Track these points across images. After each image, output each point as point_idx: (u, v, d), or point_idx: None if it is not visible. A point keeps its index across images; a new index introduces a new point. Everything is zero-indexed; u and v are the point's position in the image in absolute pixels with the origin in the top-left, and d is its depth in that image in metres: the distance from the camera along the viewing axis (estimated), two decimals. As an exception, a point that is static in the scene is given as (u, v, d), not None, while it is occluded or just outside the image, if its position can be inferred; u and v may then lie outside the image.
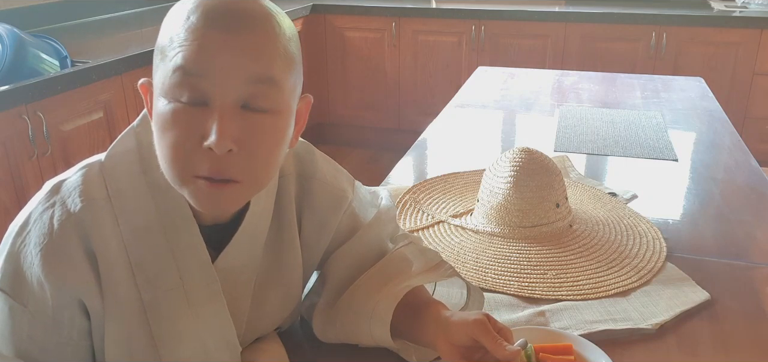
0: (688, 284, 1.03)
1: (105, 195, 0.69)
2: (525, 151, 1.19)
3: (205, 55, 0.62)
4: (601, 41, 3.51)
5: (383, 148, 3.94)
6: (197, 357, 0.73)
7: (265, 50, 0.64)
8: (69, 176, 0.71)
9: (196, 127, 0.63)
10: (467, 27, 3.67)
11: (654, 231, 1.19)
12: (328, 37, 3.95)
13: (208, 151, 0.62)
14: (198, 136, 0.63)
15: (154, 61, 0.67)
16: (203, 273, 0.72)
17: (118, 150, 0.73)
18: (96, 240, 0.68)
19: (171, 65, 0.62)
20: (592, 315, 0.95)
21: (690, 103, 2.10)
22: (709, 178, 1.49)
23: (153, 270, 0.70)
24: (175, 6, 0.66)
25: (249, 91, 0.63)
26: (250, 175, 0.66)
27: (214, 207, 0.67)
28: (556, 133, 1.79)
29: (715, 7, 3.57)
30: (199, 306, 0.72)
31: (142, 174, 0.71)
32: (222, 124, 0.62)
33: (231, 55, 0.62)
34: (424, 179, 1.45)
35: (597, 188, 1.40)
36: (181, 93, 0.62)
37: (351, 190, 0.88)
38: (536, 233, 1.15)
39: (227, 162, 0.63)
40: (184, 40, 0.62)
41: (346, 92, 4.06)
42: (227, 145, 0.62)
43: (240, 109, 0.64)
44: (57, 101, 2.07)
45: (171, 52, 0.63)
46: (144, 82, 0.70)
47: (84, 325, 0.71)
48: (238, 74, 0.62)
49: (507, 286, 1.03)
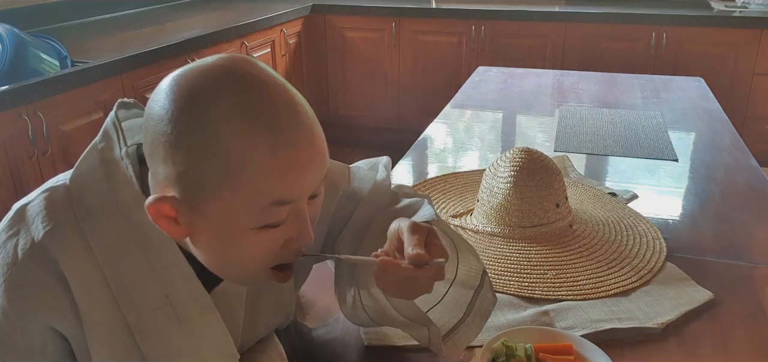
0: (689, 284, 1.03)
1: (73, 219, 0.66)
2: (525, 151, 1.19)
3: (299, 178, 0.63)
4: (601, 41, 3.51)
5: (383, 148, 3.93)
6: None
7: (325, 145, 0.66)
8: (31, 200, 0.69)
9: (281, 237, 0.65)
10: (467, 27, 3.67)
11: (654, 231, 1.19)
12: (328, 37, 3.95)
13: (291, 244, 0.66)
14: (282, 242, 0.65)
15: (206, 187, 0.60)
16: (189, 289, 0.70)
17: (83, 170, 0.69)
18: (65, 265, 0.65)
19: (266, 200, 0.61)
20: (596, 315, 0.95)
21: (690, 103, 2.10)
22: (709, 178, 1.49)
23: (135, 292, 0.67)
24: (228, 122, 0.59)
25: (316, 189, 0.67)
26: None
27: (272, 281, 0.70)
28: (556, 133, 1.79)
29: (715, 7, 3.57)
30: (189, 321, 0.70)
31: (111, 193, 0.68)
32: (307, 226, 0.65)
33: (315, 165, 0.64)
34: (424, 179, 1.45)
35: (597, 188, 1.40)
36: (278, 219, 0.63)
37: (345, 181, 0.88)
38: (536, 233, 1.15)
39: None
40: (278, 172, 0.61)
41: (346, 92, 4.06)
42: (312, 238, 0.66)
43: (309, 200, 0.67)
44: (57, 101, 2.07)
45: (254, 181, 0.60)
46: (155, 203, 0.62)
47: (60, 346, 0.68)
48: (314, 181, 0.65)
49: (507, 286, 1.03)
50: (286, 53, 3.65)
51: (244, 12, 3.49)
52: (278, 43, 3.54)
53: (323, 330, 0.94)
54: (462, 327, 0.84)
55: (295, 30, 3.74)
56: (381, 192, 0.89)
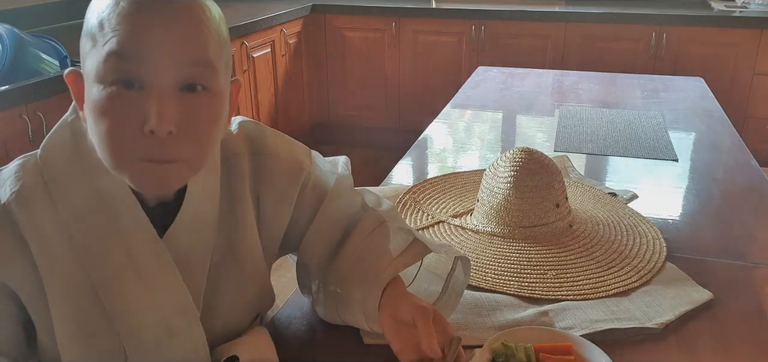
0: (689, 284, 1.03)
1: (41, 182, 0.72)
2: (525, 151, 1.19)
3: (141, 39, 0.63)
4: (601, 41, 3.51)
5: (383, 148, 3.94)
6: (156, 325, 0.74)
7: (200, 33, 0.66)
8: (6, 167, 0.74)
9: (135, 111, 0.64)
10: (467, 27, 3.67)
11: (654, 232, 1.19)
12: (328, 37, 3.95)
13: (149, 134, 0.64)
14: (138, 120, 0.64)
15: (83, 48, 0.68)
16: (151, 247, 0.73)
17: (52, 141, 0.75)
18: (27, 226, 0.70)
19: (105, 51, 0.63)
20: (596, 315, 0.95)
21: (690, 103, 2.10)
22: (709, 178, 1.49)
23: (99, 252, 0.72)
24: None
25: (186, 73, 0.66)
26: (191, 156, 0.68)
27: (156, 187, 0.69)
28: (556, 133, 1.79)
29: (715, 7, 3.57)
30: (150, 278, 0.73)
31: (78, 161, 0.73)
32: (161, 107, 0.64)
33: (167, 38, 0.64)
34: (424, 179, 1.45)
35: (597, 188, 1.40)
36: (117, 78, 0.64)
37: (308, 161, 0.90)
38: (536, 233, 1.15)
39: (168, 144, 0.65)
40: (117, 25, 0.63)
41: (346, 92, 4.06)
42: (168, 128, 0.64)
43: (178, 91, 0.66)
44: (57, 101, 2.07)
45: (103, 37, 0.64)
46: (70, 71, 0.71)
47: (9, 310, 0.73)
48: (175, 57, 0.64)
49: (507, 286, 1.03)
50: (286, 53, 3.65)
51: (244, 12, 3.49)
52: (278, 43, 3.54)
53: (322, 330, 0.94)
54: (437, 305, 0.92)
55: (295, 30, 3.74)
56: (345, 188, 0.92)
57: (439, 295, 0.95)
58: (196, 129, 0.67)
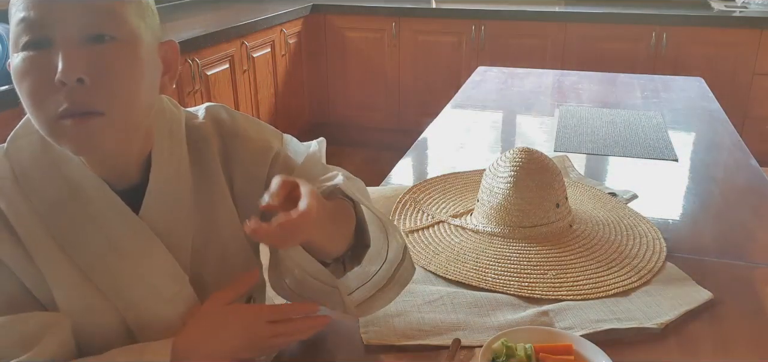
0: (689, 284, 1.03)
1: (11, 175, 0.74)
2: (525, 151, 1.19)
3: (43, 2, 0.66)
4: (601, 41, 3.51)
5: (383, 148, 3.94)
6: (149, 296, 0.76)
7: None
8: None
9: (47, 69, 0.66)
10: (467, 27, 3.67)
11: (654, 232, 1.19)
12: (328, 37, 3.95)
13: (61, 86, 0.66)
14: (50, 77, 0.66)
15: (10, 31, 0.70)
16: (128, 226, 0.75)
17: (18, 134, 0.77)
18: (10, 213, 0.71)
19: (15, 20, 0.67)
20: (595, 315, 0.95)
21: (690, 103, 2.10)
22: (709, 178, 1.50)
23: (78, 240, 0.73)
24: None
25: (89, 22, 0.67)
26: (111, 106, 0.68)
27: (85, 143, 0.69)
28: (556, 133, 1.79)
29: (715, 7, 3.57)
30: (134, 255, 0.75)
31: (44, 153, 0.75)
32: (66, 55, 0.65)
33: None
34: (424, 179, 1.45)
35: (597, 188, 1.40)
36: (27, 41, 0.66)
37: (278, 142, 0.91)
38: (536, 233, 1.15)
39: (83, 93, 0.66)
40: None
41: (346, 92, 4.06)
42: (75, 73, 0.65)
43: (86, 43, 0.67)
44: (57, 101, 2.07)
45: (13, 9, 0.67)
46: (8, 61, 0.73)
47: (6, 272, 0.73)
48: (75, 9, 0.66)
49: (507, 286, 1.03)
50: (286, 53, 3.65)
51: (244, 12, 3.49)
52: (278, 43, 3.54)
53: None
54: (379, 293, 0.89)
55: (295, 30, 3.74)
56: (313, 163, 0.92)
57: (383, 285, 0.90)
58: (109, 79, 0.68)
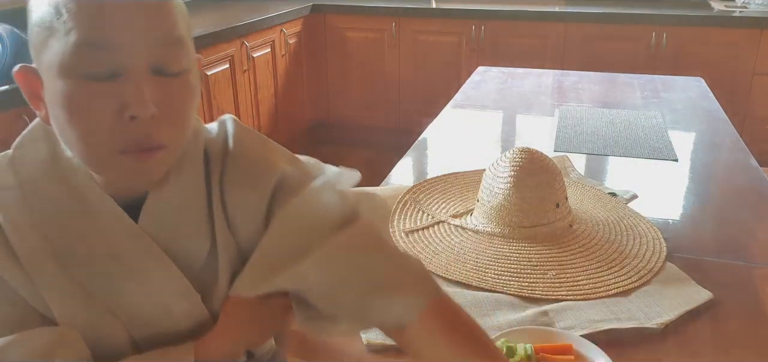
0: (689, 284, 1.03)
1: (15, 183, 0.69)
2: (525, 151, 1.19)
3: (108, 24, 0.59)
4: (601, 41, 3.51)
5: (383, 148, 3.94)
6: (159, 313, 0.72)
7: (167, 11, 0.63)
8: None
9: (112, 101, 0.61)
10: (467, 27, 3.67)
11: (654, 231, 1.19)
12: (328, 37, 3.95)
13: (130, 121, 0.61)
14: (116, 110, 0.61)
15: (35, 39, 0.63)
16: (134, 241, 0.70)
17: (25, 140, 0.72)
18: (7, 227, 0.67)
19: (70, 41, 0.59)
20: (596, 315, 0.95)
21: (690, 103, 2.10)
22: (709, 178, 1.50)
23: (81, 255, 0.69)
24: None
25: (159, 54, 0.62)
26: (172, 138, 0.65)
27: (144, 177, 0.66)
28: (556, 133, 1.79)
29: (715, 7, 3.57)
30: (141, 272, 0.70)
31: (51, 162, 0.70)
32: (141, 89, 0.61)
33: (136, 19, 0.61)
34: (424, 179, 1.45)
35: (597, 188, 1.40)
36: (88, 69, 0.60)
37: (283, 162, 0.79)
38: (536, 233, 1.15)
39: (152, 128, 0.62)
40: (78, 11, 0.59)
41: (346, 92, 4.06)
42: (151, 109, 0.61)
43: (153, 74, 0.62)
44: (57, 101, 2.07)
45: (63, 26, 0.59)
46: (20, 68, 0.67)
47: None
48: (146, 39, 0.61)
49: (507, 286, 1.03)
50: (286, 53, 3.65)
51: (244, 12, 3.49)
52: (278, 43, 3.54)
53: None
54: None
55: (295, 30, 3.74)
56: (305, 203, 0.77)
57: None
58: (177, 110, 0.64)
